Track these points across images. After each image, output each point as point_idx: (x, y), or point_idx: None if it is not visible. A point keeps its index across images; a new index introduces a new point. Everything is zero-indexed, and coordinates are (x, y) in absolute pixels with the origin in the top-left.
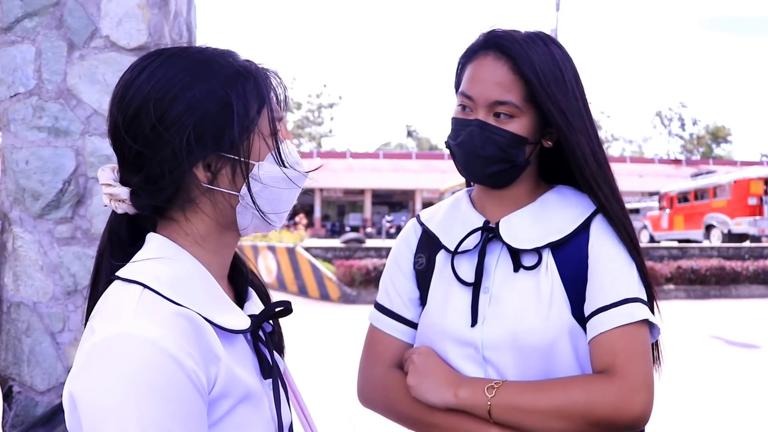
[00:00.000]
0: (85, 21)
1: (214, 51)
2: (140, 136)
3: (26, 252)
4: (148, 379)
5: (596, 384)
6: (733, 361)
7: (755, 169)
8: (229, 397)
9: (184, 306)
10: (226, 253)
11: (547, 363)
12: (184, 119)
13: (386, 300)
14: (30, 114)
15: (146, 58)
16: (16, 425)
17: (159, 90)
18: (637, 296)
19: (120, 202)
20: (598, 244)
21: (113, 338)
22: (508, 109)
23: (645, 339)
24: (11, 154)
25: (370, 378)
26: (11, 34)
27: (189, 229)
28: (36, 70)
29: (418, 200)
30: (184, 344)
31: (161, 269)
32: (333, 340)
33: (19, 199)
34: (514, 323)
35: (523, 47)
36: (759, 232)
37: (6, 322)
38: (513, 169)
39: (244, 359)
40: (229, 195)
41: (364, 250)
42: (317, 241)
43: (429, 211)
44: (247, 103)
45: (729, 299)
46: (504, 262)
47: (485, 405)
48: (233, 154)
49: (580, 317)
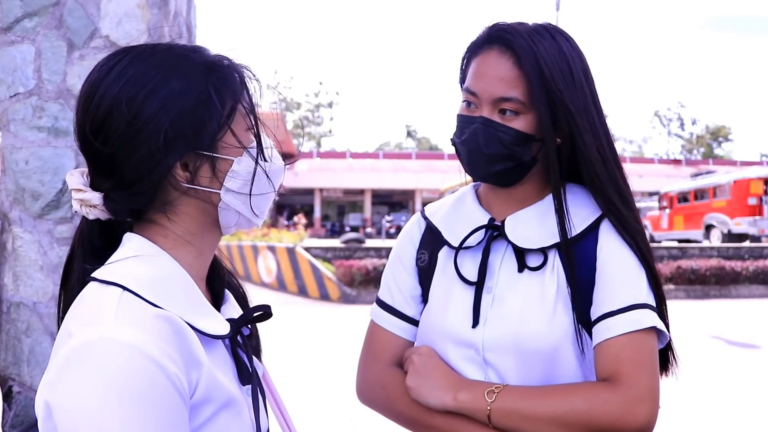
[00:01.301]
0: (84, 21)
1: (183, 47)
2: (112, 138)
3: (26, 252)
4: (131, 385)
5: (599, 392)
6: (733, 361)
7: (755, 169)
8: (211, 403)
9: (165, 309)
10: (207, 254)
11: (549, 367)
12: (160, 117)
13: (387, 296)
14: (30, 114)
15: (113, 56)
16: (16, 425)
17: (130, 89)
18: (645, 302)
19: (92, 208)
20: (607, 246)
21: (93, 343)
22: (513, 106)
23: (652, 347)
24: (11, 154)
25: (369, 375)
26: (11, 34)
27: (168, 231)
28: (36, 70)
29: (418, 200)
30: (166, 348)
31: (140, 270)
32: (333, 340)
33: (18, 199)
34: (516, 325)
35: (527, 41)
36: (759, 232)
37: (6, 322)
38: (519, 168)
39: (223, 365)
40: (210, 194)
41: (363, 250)
42: (317, 241)
43: (434, 206)
44: (223, 99)
45: (729, 299)
46: (509, 261)
47: (485, 409)
48: (211, 152)
49: (586, 321)
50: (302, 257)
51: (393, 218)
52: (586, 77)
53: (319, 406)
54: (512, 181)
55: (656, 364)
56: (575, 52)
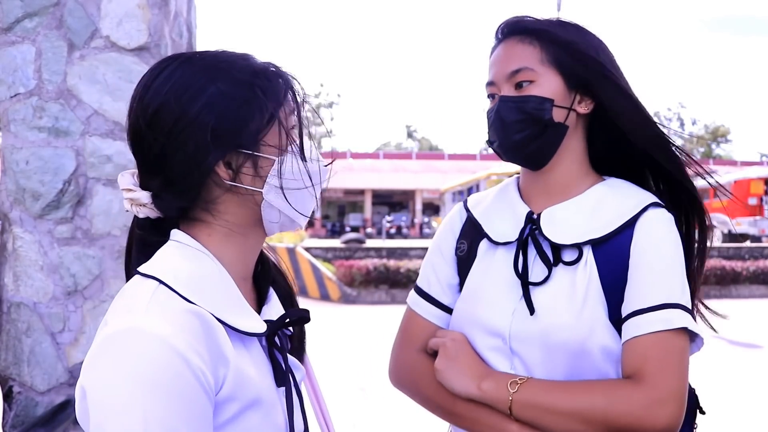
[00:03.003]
0: (85, 21)
1: (231, 54)
2: (160, 136)
3: (26, 252)
4: (154, 375)
5: (621, 390)
6: (733, 361)
7: (755, 169)
8: (237, 401)
9: (198, 305)
10: (249, 254)
11: (576, 362)
12: (204, 116)
13: (425, 283)
14: (30, 114)
15: (164, 61)
16: (16, 425)
17: (178, 89)
18: (678, 302)
19: (141, 207)
20: (642, 242)
21: (122, 332)
22: (525, 75)
23: (682, 348)
24: (11, 154)
25: (400, 359)
26: (11, 34)
27: (212, 228)
28: (36, 71)
29: (418, 200)
30: (193, 342)
31: (180, 265)
32: (333, 340)
33: (19, 200)
34: (545, 318)
35: (534, 22)
36: (759, 232)
37: (6, 322)
38: (544, 138)
39: (259, 364)
40: (253, 193)
41: (364, 250)
42: (317, 241)
43: (476, 197)
44: (266, 100)
45: (729, 299)
46: (544, 254)
47: (507, 400)
48: (253, 150)
49: (617, 320)
50: (302, 257)
51: (393, 218)
52: (602, 49)
53: None
54: (542, 156)
55: (684, 365)
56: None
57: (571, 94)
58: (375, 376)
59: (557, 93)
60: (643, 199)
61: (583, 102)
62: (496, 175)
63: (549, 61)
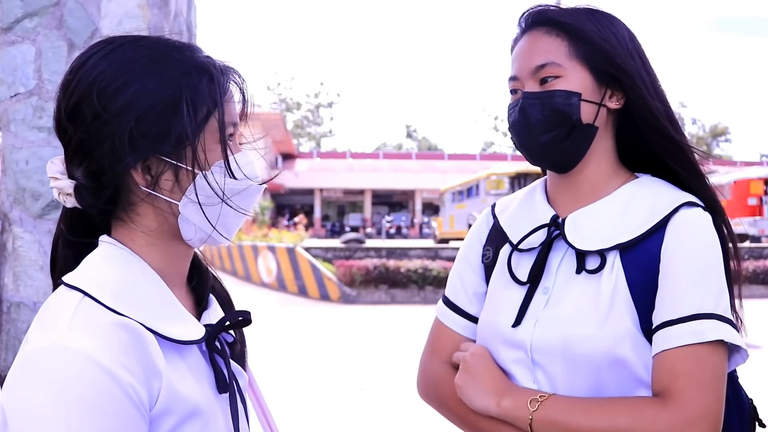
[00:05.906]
0: (85, 21)
1: (172, 43)
2: (81, 126)
3: (26, 252)
4: (80, 393)
5: (646, 409)
6: None
7: (755, 169)
8: (173, 414)
9: (126, 315)
10: (178, 260)
11: (600, 375)
12: (124, 116)
13: (452, 293)
14: (30, 114)
15: (97, 45)
16: None
17: (103, 79)
18: (712, 312)
19: (68, 196)
20: (674, 245)
21: (44, 350)
22: (551, 70)
23: (716, 363)
24: (11, 154)
25: (427, 371)
26: (11, 34)
27: (135, 233)
28: (36, 70)
29: (418, 200)
30: (121, 357)
31: (107, 274)
32: (332, 340)
33: (19, 199)
34: (566, 328)
35: (557, 12)
36: (759, 232)
37: (6, 322)
38: (572, 138)
39: (197, 372)
40: (170, 203)
41: (364, 250)
42: (317, 241)
43: (504, 201)
44: (197, 104)
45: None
46: (568, 261)
47: (526, 418)
48: (175, 159)
49: (647, 329)
50: (302, 257)
51: (393, 218)
52: (633, 43)
53: (318, 407)
54: (569, 159)
55: (719, 382)
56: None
57: (601, 89)
58: (374, 375)
59: (586, 88)
60: (675, 198)
61: (614, 96)
62: (496, 175)
63: (577, 55)
